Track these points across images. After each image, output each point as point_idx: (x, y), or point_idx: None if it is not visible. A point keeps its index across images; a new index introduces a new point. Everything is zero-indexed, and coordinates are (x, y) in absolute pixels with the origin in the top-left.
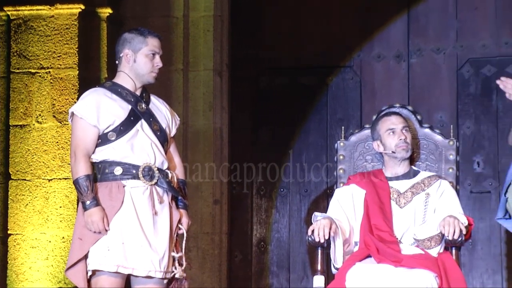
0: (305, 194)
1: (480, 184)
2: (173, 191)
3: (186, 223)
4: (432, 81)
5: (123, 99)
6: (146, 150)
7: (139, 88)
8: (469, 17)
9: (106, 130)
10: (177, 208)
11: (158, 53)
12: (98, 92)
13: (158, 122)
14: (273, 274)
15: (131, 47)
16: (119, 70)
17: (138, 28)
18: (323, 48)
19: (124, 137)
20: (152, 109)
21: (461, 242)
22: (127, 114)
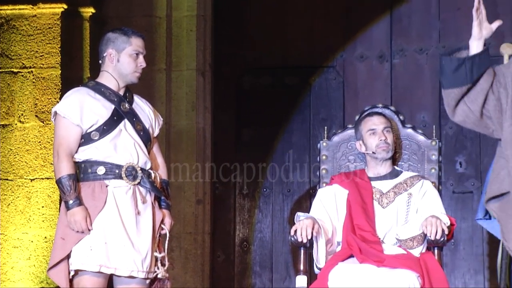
0: (288, 194)
1: (462, 184)
2: (156, 191)
3: (169, 223)
4: (415, 81)
5: (107, 98)
6: (129, 150)
7: (123, 88)
8: (452, 18)
9: (89, 130)
10: (160, 208)
11: (141, 53)
12: (81, 91)
13: (141, 122)
14: (255, 274)
15: (115, 47)
16: (102, 69)
17: (122, 28)
18: (306, 48)
19: (107, 137)
20: (136, 109)
21: (443, 242)
22: (110, 113)
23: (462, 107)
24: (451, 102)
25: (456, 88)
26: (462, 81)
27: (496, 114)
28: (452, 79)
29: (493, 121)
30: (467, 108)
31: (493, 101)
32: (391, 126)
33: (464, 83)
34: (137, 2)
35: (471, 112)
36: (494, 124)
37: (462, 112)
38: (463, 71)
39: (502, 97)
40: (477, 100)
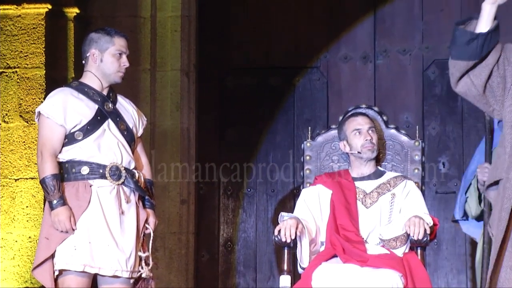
0: (272, 194)
1: (445, 184)
2: (140, 191)
3: (153, 222)
4: (398, 82)
5: (90, 98)
6: (113, 150)
7: (106, 88)
8: (435, 19)
9: (73, 130)
10: (144, 207)
11: (125, 52)
12: (65, 91)
13: (125, 122)
14: (239, 274)
15: (98, 47)
16: (85, 70)
17: (105, 28)
18: (290, 48)
19: (91, 137)
20: (119, 109)
21: (426, 242)
22: (94, 113)
23: (466, 80)
24: (456, 73)
25: (464, 61)
26: (471, 55)
27: (499, 91)
28: (462, 51)
29: (495, 99)
30: (470, 82)
31: (497, 77)
32: (375, 127)
33: (472, 58)
34: (121, 3)
35: (474, 86)
36: (496, 102)
37: (465, 85)
38: (474, 45)
39: (508, 75)
40: (481, 75)
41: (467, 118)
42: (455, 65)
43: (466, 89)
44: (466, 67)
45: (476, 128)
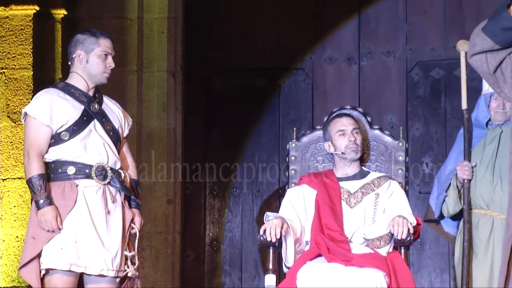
0: (257, 194)
1: (428, 184)
2: (126, 191)
3: (139, 222)
4: (382, 83)
5: (76, 99)
6: (99, 150)
7: (92, 89)
8: (418, 21)
9: (59, 130)
10: (130, 207)
11: (110, 53)
12: (51, 92)
13: (111, 122)
14: (225, 273)
15: (84, 48)
16: (71, 71)
17: (90, 29)
18: (276, 50)
19: (77, 137)
20: (105, 109)
21: (409, 241)
22: (80, 114)
23: (481, 56)
24: (478, 47)
25: (493, 41)
26: (501, 40)
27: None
28: (497, 32)
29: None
30: (485, 58)
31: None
32: (359, 128)
33: (501, 43)
34: (108, 4)
35: (487, 64)
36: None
37: (479, 59)
38: (509, 35)
39: None
40: (497, 57)
41: (450, 119)
42: (483, 39)
43: (479, 64)
44: (490, 48)
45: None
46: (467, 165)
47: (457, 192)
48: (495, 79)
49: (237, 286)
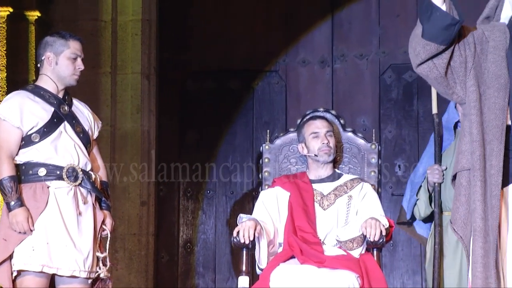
0: (231, 196)
1: (401, 187)
2: (97, 192)
3: (110, 223)
4: (355, 86)
5: (46, 101)
6: (70, 152)
7: (62, 91)
8: (391, 24)
9: (29, 132)
10: (101, 209)
11: (80, 56)
12: (21, 94)
13: (81, 124)
14: (199, 275)
15: (53, 50)
16: (41, 73)
17: (60, 32)
18: (249, 52)
19: (48, 139)
20: (75, 111)
21: (382, 243)
22: (50, 116)
23: (428, 63)
24: (423, 55)
25: (436, 43)
26: (444, 39)
27: (461, 72)
28: (438, 34)
29: (458, 80)
30: (432, 64)
31: (459, 57)
32: (333, 130)
33: (445, 42)
34: (82, 6)
35: (436, 68)
36: (458, 84)
37: (427, 67)
38: (451, 31)
39: (468, 56)
40: (443, 56)
41: (422, 122)
42: (425, 45)
43: (428, 71)
44: (436, 51)
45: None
46: (437, 169)
47: (427, 195)
48: (446, 81)
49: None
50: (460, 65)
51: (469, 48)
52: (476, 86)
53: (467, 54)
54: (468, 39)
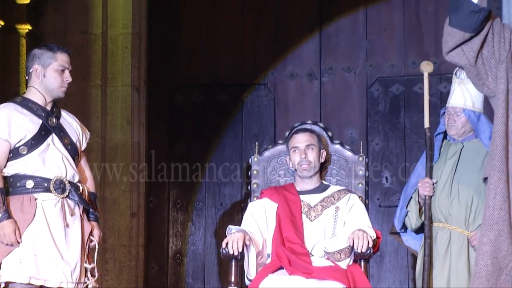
0: (220, 208)
1: (388, 198)
2: (84, 204)
3: (97, 234)
4: (343, 99)
5: (34, 113)
6: (57, 164)
7: (50, 103)
8: (378, 38)
9: (17, 144)
10: (89, 220)
11: (67, 68)
12: (9, 107)
13: (69, 136)
14: (188, 286)
15: (41, 63)
16: (29, 85)
17: (48, 44)
18: (238, 66)
19: (36, 151)
20: (63, 123)
21: (369, 254)
22: (38, 128)
23: (457, 50)
24: (450, 42)
25: (461, 31)
26: (469, 26)
27: (493, 62)
28: (463, 20)
29: (490, 70)
30: (461, 51)
31: (491, 47)
32: (315, 143)
33: (470, 30)
34: (73, 19)
35: (465, 56)
36: (490, 74)
37: (456, 54)
38: (475, 18)
39: (501, 48)
40: (473, 45)
41: (409, 134)
42: (451, 33)
43: (458, 58)
44: (462, 39)
45: (418, 144)
46: (428, 182)
47: (418, 207)
48: (477, 70)
49: None
50: (491, 56)
51: (503, 42)
52: (506, 79)
53: (501, 47)
54: (504, 34)
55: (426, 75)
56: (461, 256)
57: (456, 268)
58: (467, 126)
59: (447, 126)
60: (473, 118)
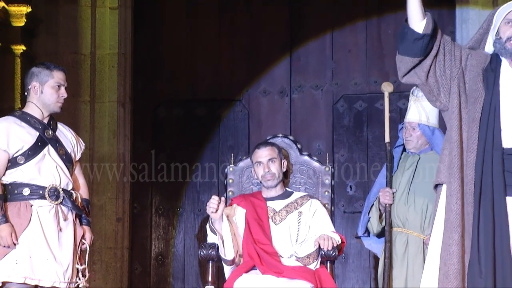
0: (198, 213)
1: (352, 205)
2: (77, 210)
3: (89, 238)
4: (311, 114)
5: (32, 126)
6: (52, 173)
7: (47, 117)
8: (344, 59)
9: (15, 155)
10: (81, 224)
11: (63, 85)
12: (8, 120)
13: (64, 147)
14: (169, 285)
15: (38, 80)
16: (28, 100)
17: (45, 63)
18: (216, 83)
19: (32, 161)
20: (59, 135)
21: (335, 256)
22: (35, 140)
23: (410, 73)
24: (402, 68)
25: (410, 57)
26: (416, 52)
27: (444, 80)
28: (409, 48)
29: (442, 87)
30: (414, 73)
31: (442, 66)
32: (276, 156)
33: (417, 55)
34: (64, 41)
35: (417, 76)
36: (442, 91)
37: (410, 77)
38: (419, 44)
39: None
40: (423, 66)
41: (371, 147)
42: (401, 60)
43: (412, 80)
44: (412, 64)
45: (379, 155)
46: (388, 191)
47: (378, 214)
48: (429, 87)
49: None
50: (442, 74)
51: (454, 60)
52: (458, 94)
53: (452, 65)
54: (455, 52)
55: (387, 95)
56: (417, 258)
57: (413, 268)
58: (422, 139)
59: (405, 141)
60: (427, 132)
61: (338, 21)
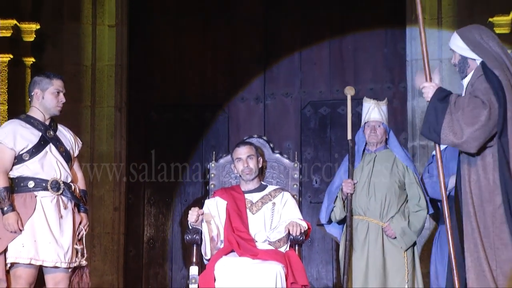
0: (184, 203)
1: (317, 196)
2: (75, 199)
3: (85, 224)
4: (282, 118)
5: (35, 127)
6: (54, 167)
7: (48, 119)
8: (310, 70)
9: (21, 152)
10: (79, 212)
11: (62, 91)
12: (15, 122)
13: (64, 145)
14: (159, 265)
15: (40, 87)
16: (31, 105)
17: (45, 72)
18: (201, 91)
19: (36, 158)
20: (59, 135)
21: (302, 240)
22: (38, 139)
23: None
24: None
25: None
26: None
27: None
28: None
29: None
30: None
31: None
32: (254, 153)
33: None
34: (68, 54)
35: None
36: None
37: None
38: None
39: None
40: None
41: (334, 146)
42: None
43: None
44: None
45: (341, 154)
46: (350, 182)
47: (342, 203)
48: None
49: (168, 275)
50: None
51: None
52: None
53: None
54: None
55: (349, 97)
56: (377, 243)
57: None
58: (384, 136)
59: (369, 136)
60: (388, 130)
61: (306, 38)
